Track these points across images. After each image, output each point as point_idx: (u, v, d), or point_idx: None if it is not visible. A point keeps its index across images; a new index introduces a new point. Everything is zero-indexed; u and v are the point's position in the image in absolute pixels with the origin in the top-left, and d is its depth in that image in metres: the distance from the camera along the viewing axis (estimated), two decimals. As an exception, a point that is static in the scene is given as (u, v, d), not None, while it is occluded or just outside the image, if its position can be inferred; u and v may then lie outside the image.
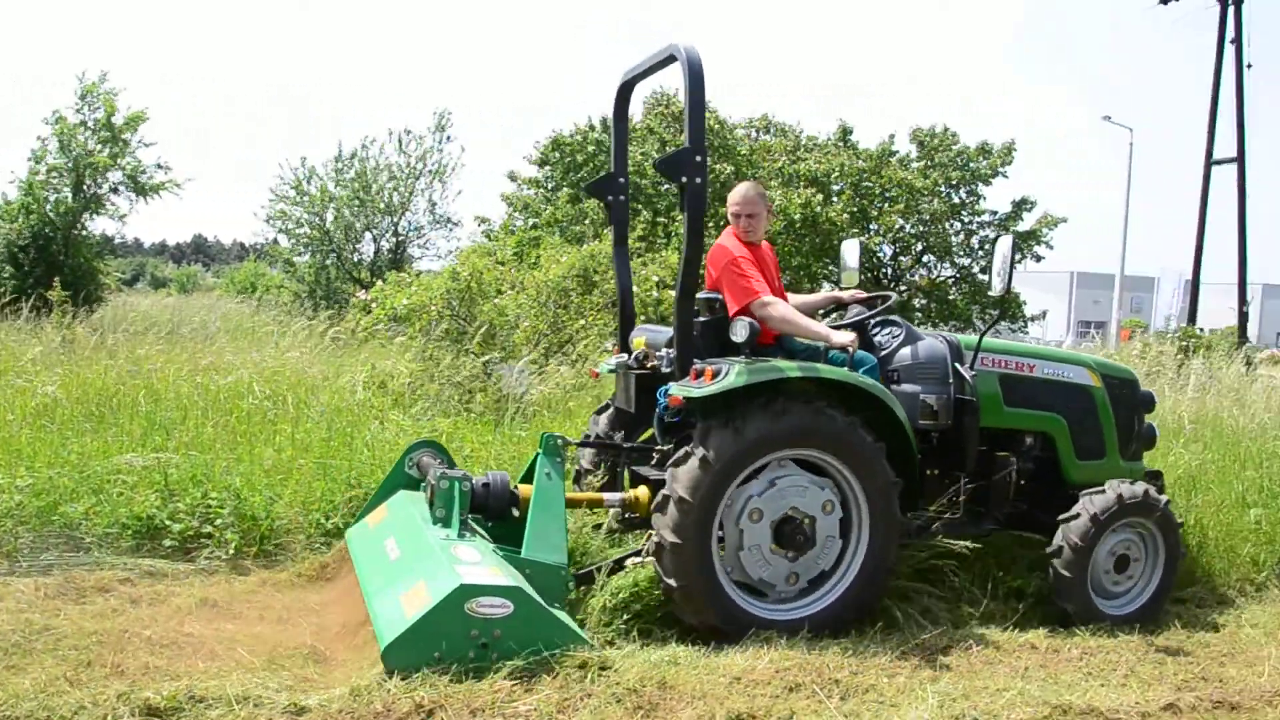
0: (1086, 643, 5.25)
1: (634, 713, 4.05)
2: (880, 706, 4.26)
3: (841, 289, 6.63)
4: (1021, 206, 26.94)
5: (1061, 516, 5.62)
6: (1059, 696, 4.41)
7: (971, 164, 26.22)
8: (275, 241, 25.88)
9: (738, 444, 4.85)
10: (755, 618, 4.98)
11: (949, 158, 26.19)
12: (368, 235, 24.06)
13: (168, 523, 5.92)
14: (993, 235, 27.02)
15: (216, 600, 5.20)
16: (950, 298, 26.79)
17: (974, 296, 26.78)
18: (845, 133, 27.30)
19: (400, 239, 24.24)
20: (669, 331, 5.52)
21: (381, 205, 23.49)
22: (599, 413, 6.29)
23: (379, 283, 11.27)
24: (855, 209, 24.82)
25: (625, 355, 5.81)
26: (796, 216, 21.62)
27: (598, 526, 5.86)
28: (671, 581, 4.83)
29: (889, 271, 27.34)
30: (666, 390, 5.19)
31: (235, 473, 6.44)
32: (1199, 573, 6.47)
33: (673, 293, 11.95)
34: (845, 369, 5.20)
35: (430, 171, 23.92)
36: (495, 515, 5.22)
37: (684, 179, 4.93)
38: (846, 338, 5.35)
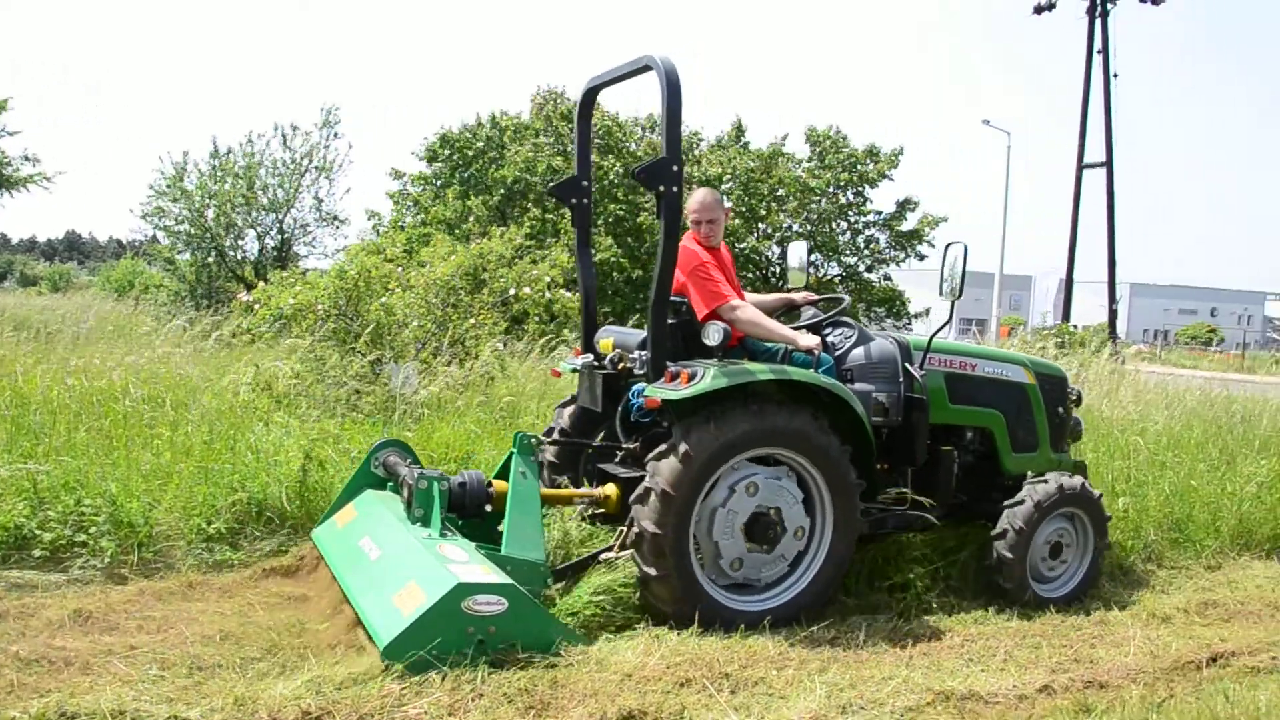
0: (967, 630, 5.42)
1: (525, 712, 4.04)
2: (770, 698, 4.33)
3: (789, 289, 6.85)
4: (905, 207, 27.57)
5: (1007, 502, 5.99)
6: (941, 683, 4.53)
7: (860, 166, 26.75)
8: (154, 239, 25.04)
9: (716, 441, 5.00)
10: (725, 608, 5.14)
11: (839, 159, 26.68)
12: (251, 233, 23.44)
13: (37, 532, 5.67)
14: (880, 236, 27.65)
15: (91, 611, 4.99)
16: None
17: (860, 295, 27.33)
18: (739, 132, 27.60)
19: (286, 236, 23.67)
20: (636, 334, 5.77)
21: (265, 202, 22.91)
22: (563, 406, 6.41)
23: (261, 284, 10.95)
24: (744, 208, 25.10)
25: (590, 355, 5.94)
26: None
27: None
28: (650, 570, 4.97)
29: (777, 270, 27.72)
30: (640, 391, 5.32)
31: (111, 478, 6.20)
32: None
33: (564, 292, 12.13)
34: (811, 371, 5.40)
35: (316, 168, 23.43)
36: (472, 514, 5.32)
37: (661, 187, 5.05)
38: (812, 341, 5.62)
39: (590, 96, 6.21)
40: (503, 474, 5.61)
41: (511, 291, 11.53)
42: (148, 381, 8.54)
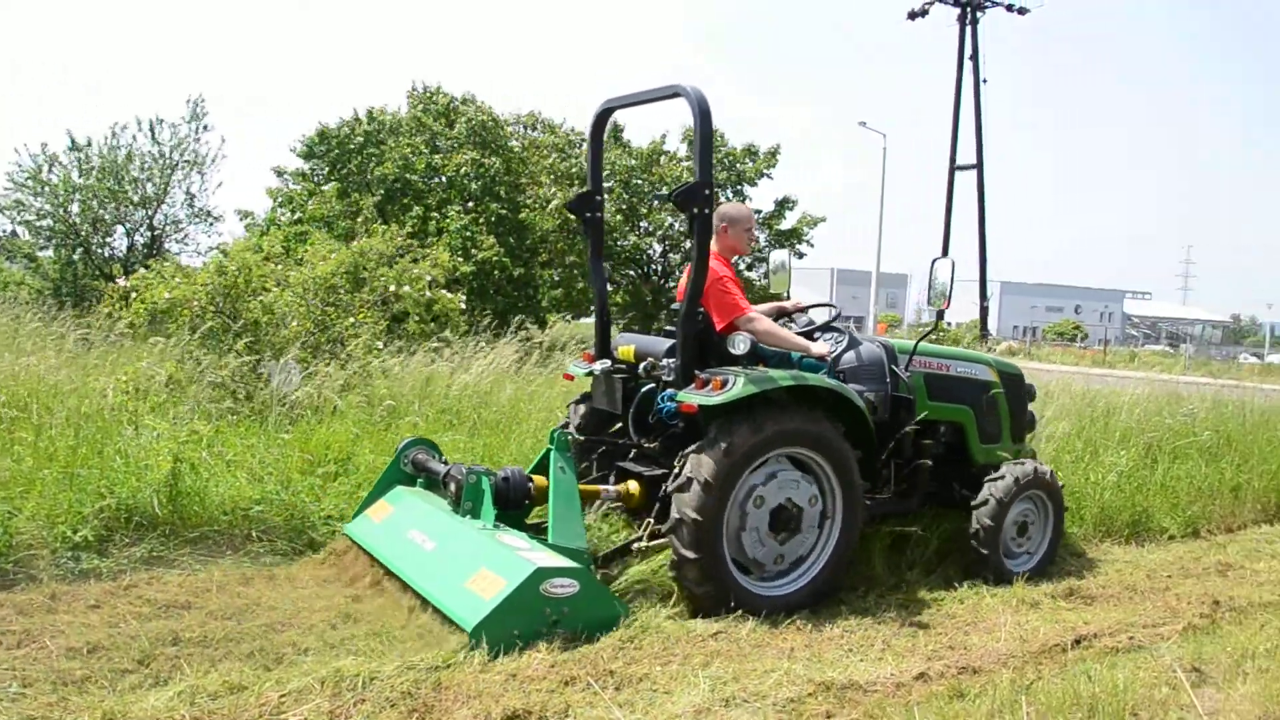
0: (847, 621, 5.54)
1: (409, 716, 4.00)
2: (654, 694, 4.36)
3: (772, 295, 7.32)
4: (784, 206, 28.01)
5: (988, 478, 6.68)
6: (822, 673, 4.63)
7: (738, 165, 27.07)
8: (14, 234, 23.89)
9: (749, 442, 5.44)
10: (747, 592, 5.56)
11: (718, 158, 26.94)
12: (119, 229, 22.58)
13: (-119, 544, 5.38)
14: (759, 234, 28.01)
15: (-57, 627, 4.75)
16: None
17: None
18: (616, 131, 27.68)
19: (156, 233, 22.86)
20: (655, 341, 6.25)
21: (135, 197, 22.09)
22: (577, 403, 6.79)
23: (141, 270, 10.47)
24: (625, 207, 25.20)
25: (607, 361, 6.37)
26: (555, 213, 21.83)
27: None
28: (688, 553, 5.34)
29: (659, 269, 27.91)
30: (672, 396, 5.78)
31: (-34, 487, 5.92)
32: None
33: (445, 293, 12.02)
34: (823, 376, 5.91)
35: (187, 162, 22.68)
36: (514, 507, 5.69)
37: (695, 209, 5.51)
38: (824, 349, 6.27)
39: (605, 116, 6.52)
40: (537, 469, 6.00)
41: (392, 289, 11.36)
42: (6, 384, 8.16)
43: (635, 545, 5.76)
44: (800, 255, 28.99)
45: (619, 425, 6.44)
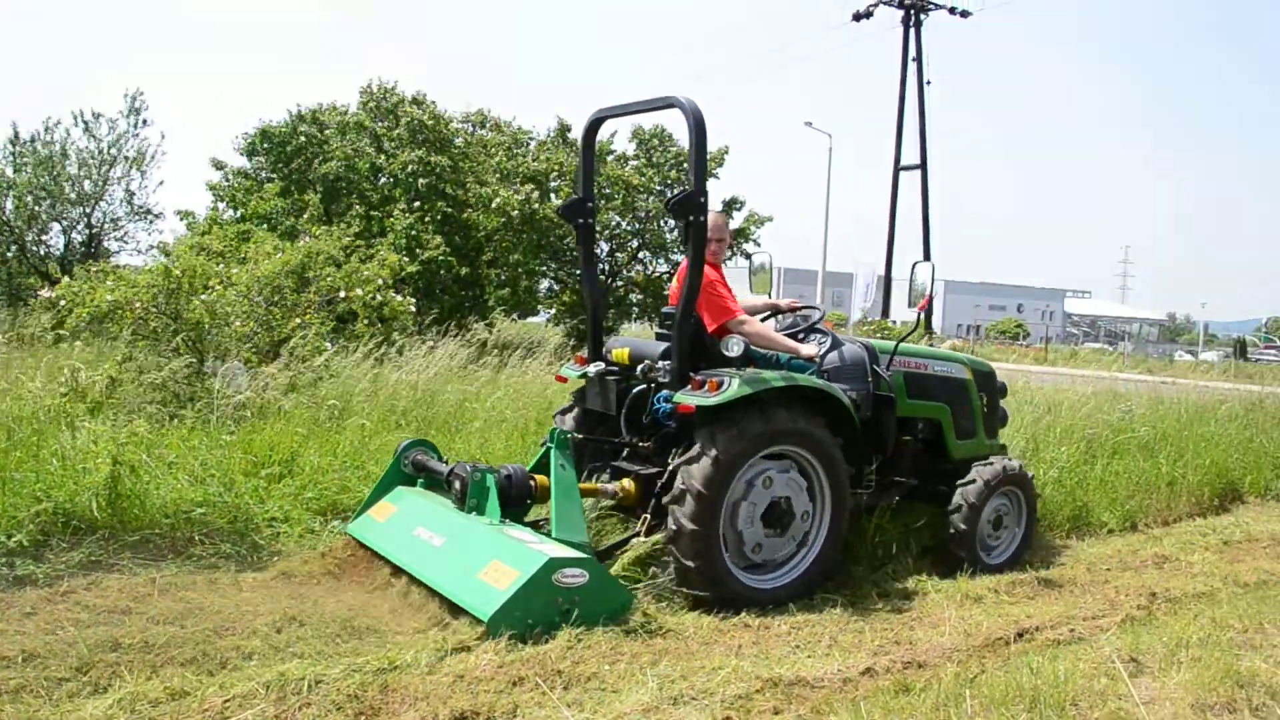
0: (794, 618, 5.58)
1: (355, 719, 3.96)
2: (602, 693, 4.36)
3: (754, 294, 7.57)
4: (731, 206, 28.10)
5: (959, 482, 6.93)
6: (770, 670, 4.65)
7: (687, 165, 27.09)
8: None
9: (741, 443, 5.63)
10: (747, 588, 5.80)
11: (666, 158, 26.99)
12: (56, 226, 22.12)
13: None
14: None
15: (-126, 637, 4.62)
16: (665, 293, 27.64)
17: (689, 291, 27.71)
18: (564, 130, 27.62)
19: (94, 231, 22.42)
20: (653, 344, 6.42)
21: (72, 195, 21.64)
22: (564, 413, 6.94)
23: (65, 279, 10.21)
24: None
25: (601, 364, 6.56)
26: (515, 214, 21.62)
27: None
28: (689, 563, 5.55)
29: (605, 267, 27.89)
30: (667, 397, 5.96)
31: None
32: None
33: (396, 296, 11.92)
34: (814, 378, 6.17)
35: (127, 159, 22.27)
36: (516, 504, 5.88)
37: (690, 217, 5.78)
38: (812, 350, 6.52)
39: (595, 125, 6.72)
40: (536, 468, 6.17)
41: (342, 294, 11.24)
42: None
43: (633, 540, 5.98)
44: (747, 256, 29.11)
45: (607, 426, 6.64)
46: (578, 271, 27.27)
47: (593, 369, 6.56)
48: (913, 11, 34.48)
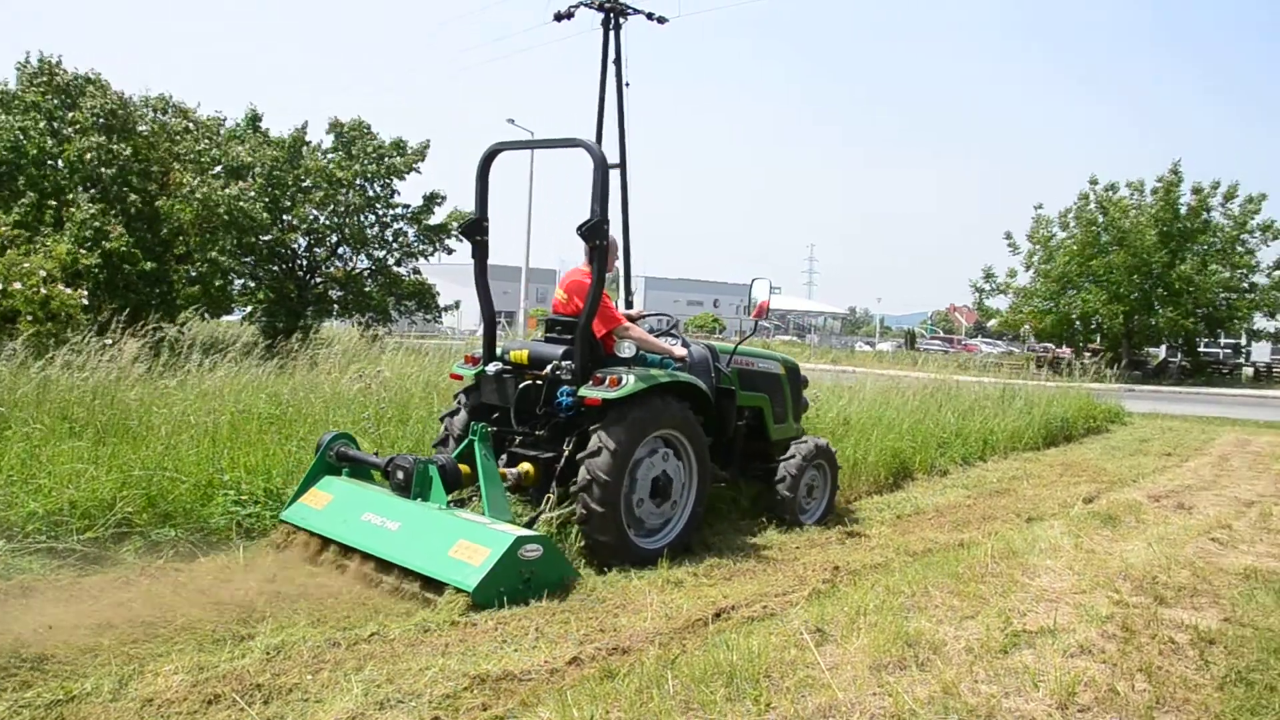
0: (501, 614, 5.57)
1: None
2: (305, 704, 4.22)
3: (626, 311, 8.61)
4: (432, 200, 27.78)
5: (781, 458, 8.56)
6: (477, 666, 4.64)
7: (387, 159, 26.55)
8: None
9: (637, 428, 6.79)
10: (634, 544, 6.90)
11: (366, 151, 26.31)
12: None
13: None
14: (409, 229, 27.65)
15: None
16: (366, 290, 26.96)
17: (389, 288, 27.15)
18: (255, 119, 26.34)
19: None
20: (548, 347, 7.31)
21: None
22: (450, 416, 7.76)
23: None
24: (268, 199, 24.06)
25: (499, 364, 7.40)
26: (221, 209, 20.42)
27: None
28: (597, 508, 6.59)
29: (304, 264, 26.88)
30: (570, 392, 6.94)
31: None
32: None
33: (64, 289, 11.00)
34: (684, 373, 7.47)
35: None
36: (450, 490, 6.53)
37: (597, 241, 6.90)
38: (683, 351, 7.83)
39: (491, 156, 7.56)
40: (459, 458, 6.75)
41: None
42: None
43: (543, 517, 6.79)
44: (450, 251, 28.90)
45: (497, 419, 7.46)
46: (274, 268, 26.25)
47: (491, 368, 7.40)
48: (612, 14, 35.26)
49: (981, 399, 16.88)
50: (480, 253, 7.65)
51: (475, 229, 7.57)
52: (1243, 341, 48.45)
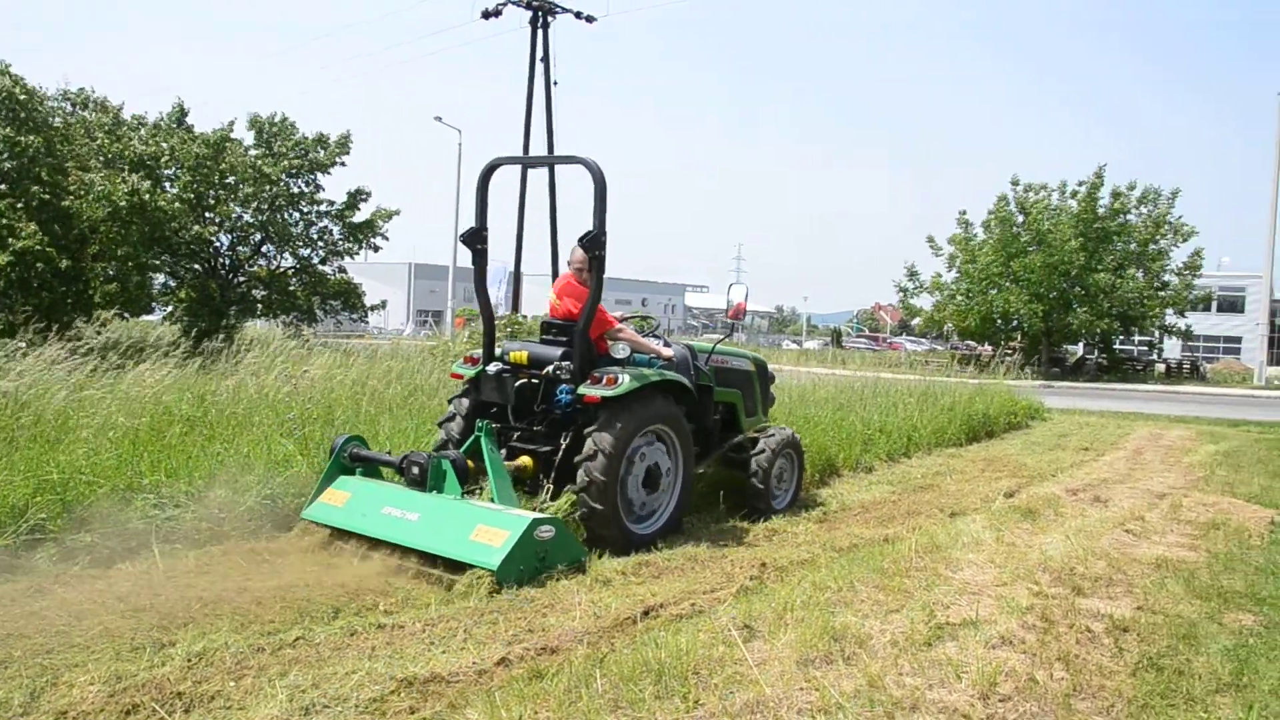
0: (429, 615, 5.54)
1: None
2: (228, 712, 4.15)
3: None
4: (357, 197, 27.48)
5: (753, 450, 9.16)
6: (404, 669, 4.60)
7: (310, 154, 26.19)
8: None
9: (633, 422, 7.37)
10: (631, 531, 7.48)
11: (289, 146, 25.93)
12: None
13: None
14: (333, 227, 27.31)
15: None
16: (291, 289, 26.57)
17: (314, 287, 26.80)
18: (181, 113, 25.81)
19: None
20: (546, 349, 7.82)
21: None
22: (448, 420, 8.11)
23: None
24: (191, 195, 23.58)
25: (499, 364, 7.76)
26: (123, 204, 19.92)
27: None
28: (596, 505, 7.15)
29: (226, 262, 26.40)
30: (569, 390, 7.54)
31: None
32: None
33: None
34: (674, 373, 8.02)
35: None
36: (460, 482, 6.92)
37: (597, 252, 7.43)
38: (670, 351, 8.40)
39: (491, 170, 8.11)
40: (467, 454, 7.27)
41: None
42: None
43: (543, 508, 7.06)
44: (376, 249, 28.60)
45: (495, 416, 7.83)
46: (196, 266, 25.73)
47: (491, 368, 7.72)
48: (540, 13, 35.16)
49: (905, 396, 17.13)
50: (480, 260, 8.08)
51: (475, 238, 7.96)
52: (1157, 339, 49.76)
